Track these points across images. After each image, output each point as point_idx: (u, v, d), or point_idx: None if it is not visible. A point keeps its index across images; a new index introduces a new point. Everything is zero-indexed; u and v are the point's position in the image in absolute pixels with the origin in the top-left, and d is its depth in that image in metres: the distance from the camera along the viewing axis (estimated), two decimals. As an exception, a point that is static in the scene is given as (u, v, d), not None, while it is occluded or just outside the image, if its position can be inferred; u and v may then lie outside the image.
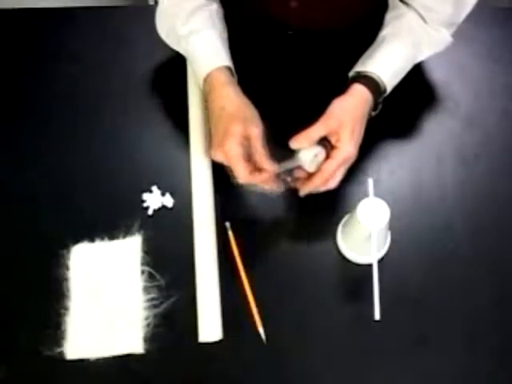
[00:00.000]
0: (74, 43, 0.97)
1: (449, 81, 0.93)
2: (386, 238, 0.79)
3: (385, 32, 0.81)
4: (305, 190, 0.75)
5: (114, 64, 0.95)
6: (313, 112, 0.72)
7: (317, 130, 0.72)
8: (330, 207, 0.83)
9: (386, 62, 0.78)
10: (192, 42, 0.80)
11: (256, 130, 0.73)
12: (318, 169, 0.73)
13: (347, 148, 0.72)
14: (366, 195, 0.73)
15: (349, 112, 0.73)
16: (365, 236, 0.72)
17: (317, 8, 0.86)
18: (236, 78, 0.80)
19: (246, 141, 0.73)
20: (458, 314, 0.77)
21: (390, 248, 0.80)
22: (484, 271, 0.80)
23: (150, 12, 0.84)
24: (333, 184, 0.74)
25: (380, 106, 0.80)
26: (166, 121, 0.90)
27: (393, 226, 0.76)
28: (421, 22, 0.80)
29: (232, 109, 0.75)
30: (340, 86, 0.76)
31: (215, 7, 0.84)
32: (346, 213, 0.80)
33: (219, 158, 0.74)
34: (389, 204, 0.72)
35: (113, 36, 0.97)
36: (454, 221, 0.83)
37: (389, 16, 0.83)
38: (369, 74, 0.77)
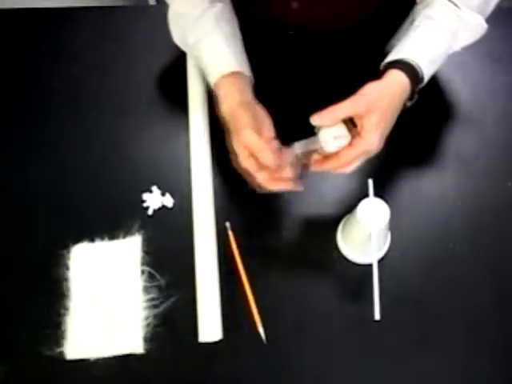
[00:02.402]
0: (74, 43, 0.97)
1: (449, 80, 0.93)
2: (386, 238, 0.79)
3: (417, 22, 0.77)
4: (316, 168, 0.72)
5: (114, 64, 0.95)
6: (315, 111, 0.72)
7: (343, 109, 0.67)
8: (330, 207, 0.83)
9: (421, 48, 0.74)
10: (198, 50, 0.79)
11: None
12: (336, 153, 0.69)
13: (371, 138, 0.67)
14: (366, 195, 0.73)
15: (381, 99, 0.68)
16: (365, 236, 0.72)
17: (317, 9, 0.86)
18: (249, 80, 0.77)
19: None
20: (458, 314, 0.77)
21: (390, 248, 0.80)
22: (484, 271, 0.80)
23: (150, 12, 0.84)
24: (348, 170, 0.70)
25: (416, 97, 0.75)
26: (166, 121, 0.90)
27: (393, 226, 0.76)
28: (453, 6, 0.76)
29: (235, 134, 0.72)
30: (342, 85, 0.75)
31: (220, 7, 0.80)
32: (346, 213, 0.80)
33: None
34: (389, 204, 0.72)
35: (113, 36, 0.97)
36: (454, 221, 0.83)
37: (418, 8, 0.80)
38: (404, 59, 0.72)
